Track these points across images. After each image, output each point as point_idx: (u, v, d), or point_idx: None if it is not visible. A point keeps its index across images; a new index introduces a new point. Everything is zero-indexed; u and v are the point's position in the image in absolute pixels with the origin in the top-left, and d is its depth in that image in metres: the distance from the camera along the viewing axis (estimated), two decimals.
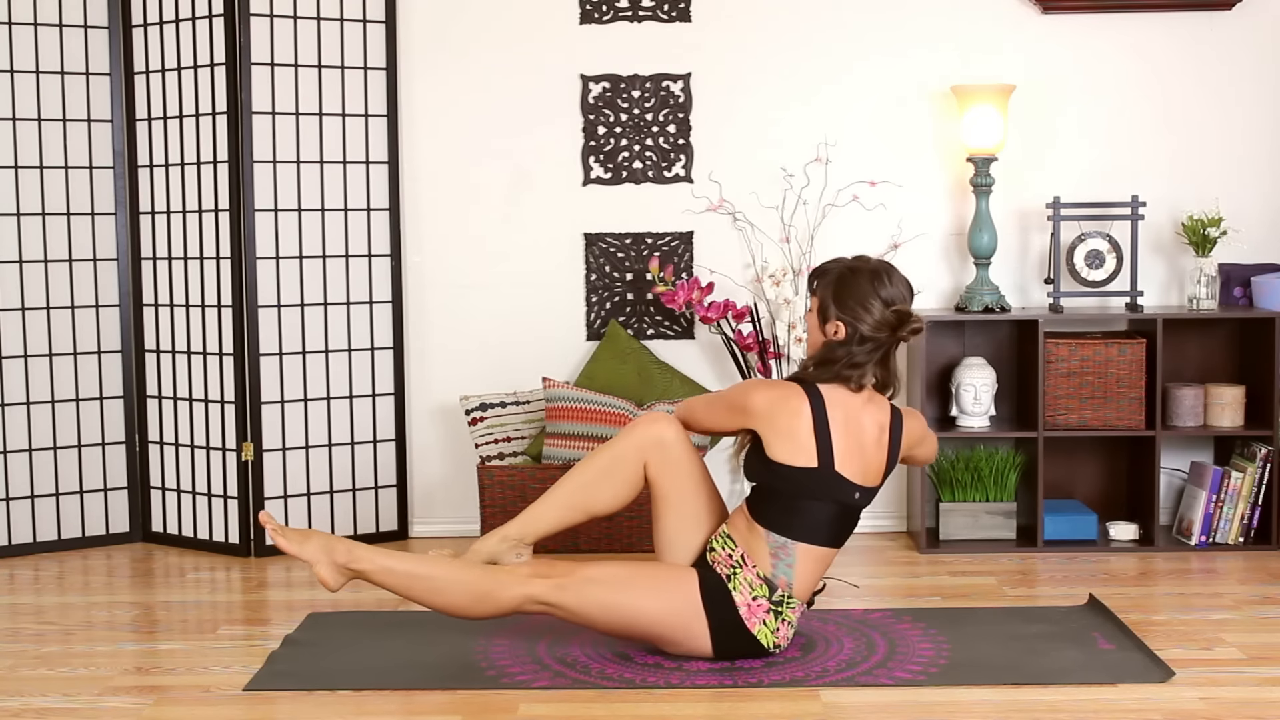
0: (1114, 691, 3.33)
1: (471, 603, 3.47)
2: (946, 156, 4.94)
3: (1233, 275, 4.85)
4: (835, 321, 3.51)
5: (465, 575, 3.48)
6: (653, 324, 5.01)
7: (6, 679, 3.50)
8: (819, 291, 3.56)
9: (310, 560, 3.48)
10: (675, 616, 3.47)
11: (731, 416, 3.58)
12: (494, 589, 3.46)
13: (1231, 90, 4.93)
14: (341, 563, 3.48)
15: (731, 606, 3.46)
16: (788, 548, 3.48)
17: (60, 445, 4.84)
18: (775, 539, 3.47)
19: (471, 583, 3.47)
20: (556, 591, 3.45)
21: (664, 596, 3.47)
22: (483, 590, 3.46)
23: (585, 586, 3.46)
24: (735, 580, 3.47)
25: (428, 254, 5.00)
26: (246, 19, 4.64)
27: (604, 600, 3.45)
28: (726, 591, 3.47)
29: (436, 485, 5.03)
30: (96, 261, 4.88)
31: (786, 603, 3.50)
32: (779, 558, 3.48)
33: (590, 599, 3.46)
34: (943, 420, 4.86)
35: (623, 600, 3.46)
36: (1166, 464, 4.91)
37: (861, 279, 3.51)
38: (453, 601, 3.48)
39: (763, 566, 3.48)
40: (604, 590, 3.46)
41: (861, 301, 3.49)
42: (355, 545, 3.51)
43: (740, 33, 4.94)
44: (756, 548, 3.48)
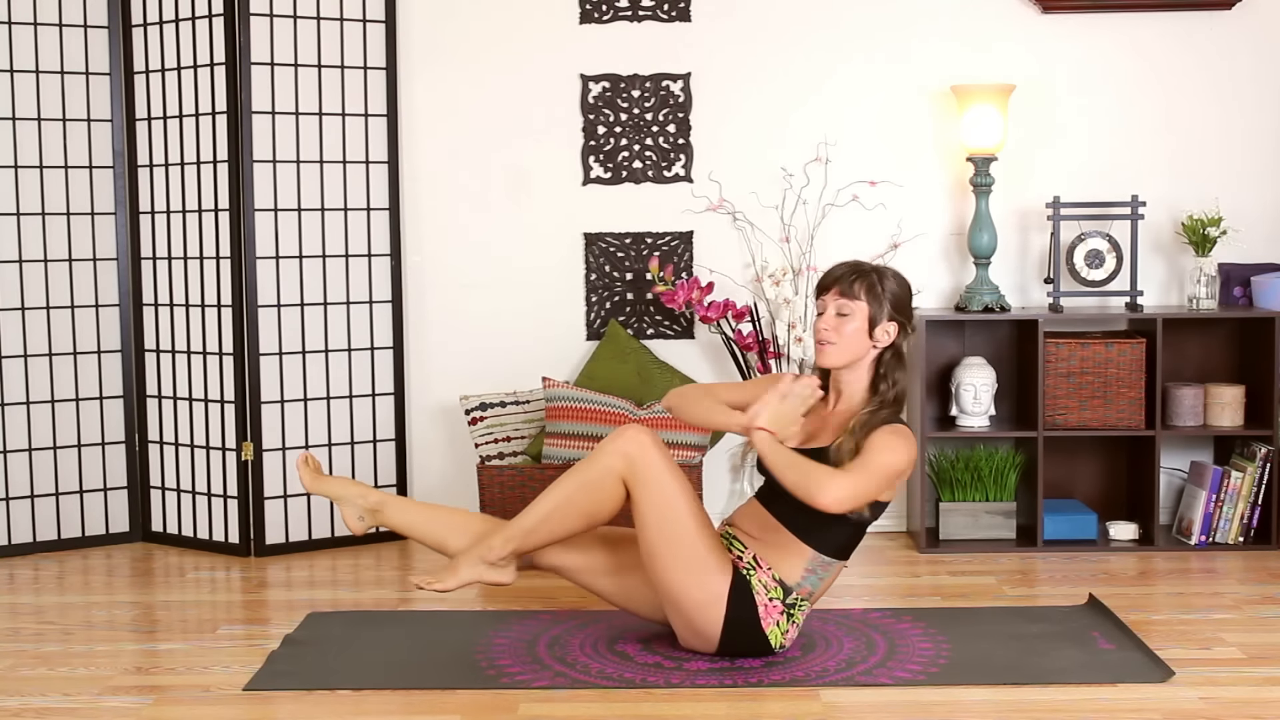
0: (1114, 691, 3.33)
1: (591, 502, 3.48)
2: (946, 156, 4.94)
3: (1233, 275, 4.85)
4: (889, 323, 3.53)
5: (568, 483, 3.50)
6: (653, 324, 5.01)
7: (6, 679, 3.50)
8: (867, 295, 3.53)
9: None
10: (697, 590, 3.43)
11: (899, 480, 3.48)
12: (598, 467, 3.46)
13: (1231, 90, 4.93)
14: (497, 554, 3.53)
15: (752, 605, 3.46)
16: (829, 565, 3.52)
17: (60, 445, 4.84)
18: (823, 559, 3.50)
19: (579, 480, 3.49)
20: (649, 469, 3.42)
21: (700, 564, 3.42)
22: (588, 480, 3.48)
23: (668, 489, 3.41)
24: (751, 580, 3.47)
25: (428, 254, 5.00)
26: (246, 19, 4.64)
27: (667, 514, 3.40)
28: (749, 593, 3.47)
29: (436, 485, 5.03)
30: (96, 261, 4.88)
31: (799, 605, 3.51)
32: (814, 571, 3.50)
33: (661, 501, 3.40)
34: (943, 420, 4.86)
35: (676, 531, 3.40)
36: (1166, 464, 4.91)
37: (903, 279, 3.61)
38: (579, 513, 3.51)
39: (783, 572, 3.48)
40: (674, 508, 3.41)
41: (910, 301, 3.59)
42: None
43: (740, 32, 4.95)
44: (781, 556, 3.49)
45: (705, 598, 3.44)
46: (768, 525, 3.52)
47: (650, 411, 4.64)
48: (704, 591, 3.43)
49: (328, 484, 3.76)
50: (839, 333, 3.53)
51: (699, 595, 3.44)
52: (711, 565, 3.43)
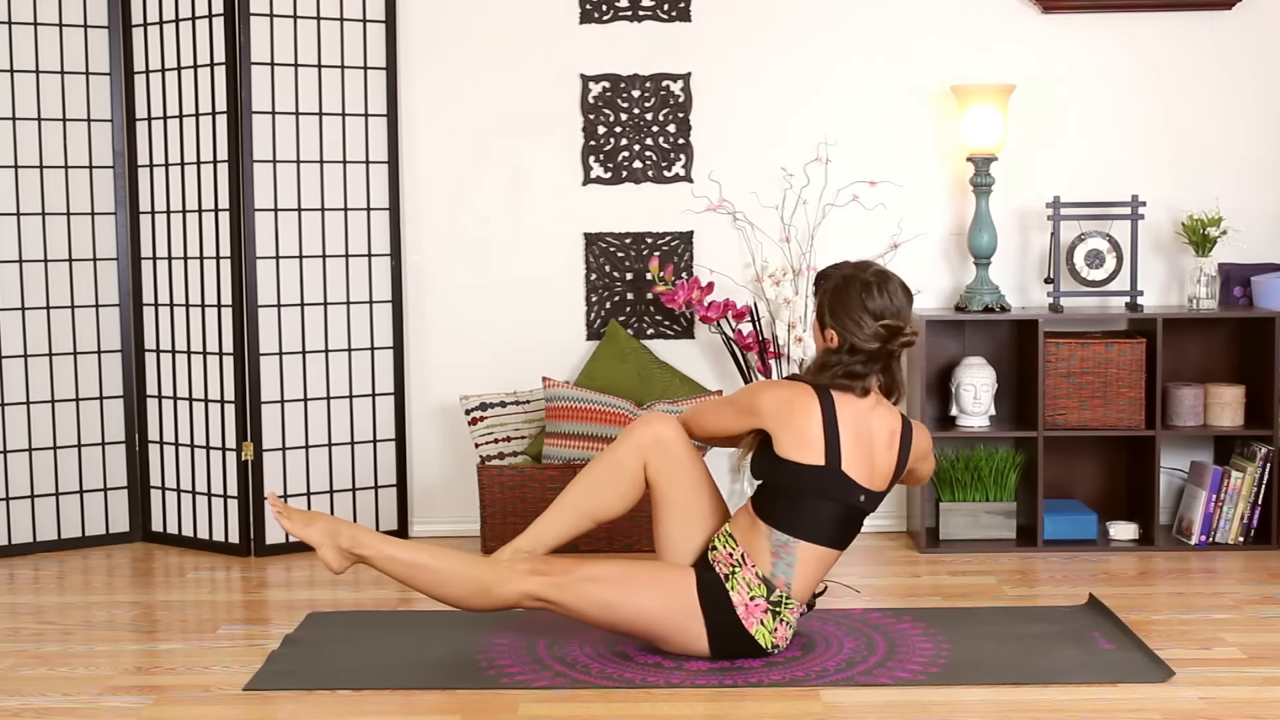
0: (1114, 691, 3.33)
1: (471, 595, 3.52)
2: (946, 156, 4.94)
3: (1233, 275, 4.85)
4: (829, 329, 3.54)
5: (466, 569, 3.53)
6: (653, 324, 5.01)
7: (6, 679, 3.50)
8: (818, 298, 3.59)
9: (314, 543, 3.53)
10: (671, 615, 3.47)
11: (740, 418, 3.58)
12: (493, 584, 3.50)
13: (1231, 90, 4.93)
14: (345, 547, 3.53)
15: (729, 606, 3.46)
16: (789, 546, 3.48)
17: (60, 445, 4.84)
18: (778, 536, 3.47)
19: (472, 576, 3.52)
20: (555, 589, 3.48)
21: (660, 595, 3.48)
22: (483, 584, 3.51)
23: (583, 585, 3.48)
24: (734, 580, 3.47)
25: (428, 254, 5.00)
26: (246, 19, 4.64)
27: (601, 598, 3.47)
28: (724, 591, 3.47)
29: (436, 485, 5.03)
30: (96, 261, 4.88)
31: (785, 603, 3.50)
32: (779, 556, 3.48)
33: (588, 597, 3.47)
34: (943, 420, 4.86)
35: (620, 599, 3.47)
36: (1166, 464, 4.91)
37: (853, 291, 3.51)
38: (453, 593, 3.53)
39: (762, 566, 3.48)
40: (601, 588, 3.47)
41: (850, 315, 3.50)
42: (360, 529, 3.56)
43: (740, 32, 4.94)
44: (757, 546, 3.49)
45: (681, 617, 3.48)
46: (748, 514, 3.56)
47: (650, 412, 4.63)
48: (677, 612, 3.47)
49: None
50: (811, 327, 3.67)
51: (674, 618, 3.48)
52: (670, 588, 3.49)
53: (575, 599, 3.48)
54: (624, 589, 3.48)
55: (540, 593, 3.49)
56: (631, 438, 3.66)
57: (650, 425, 3.67)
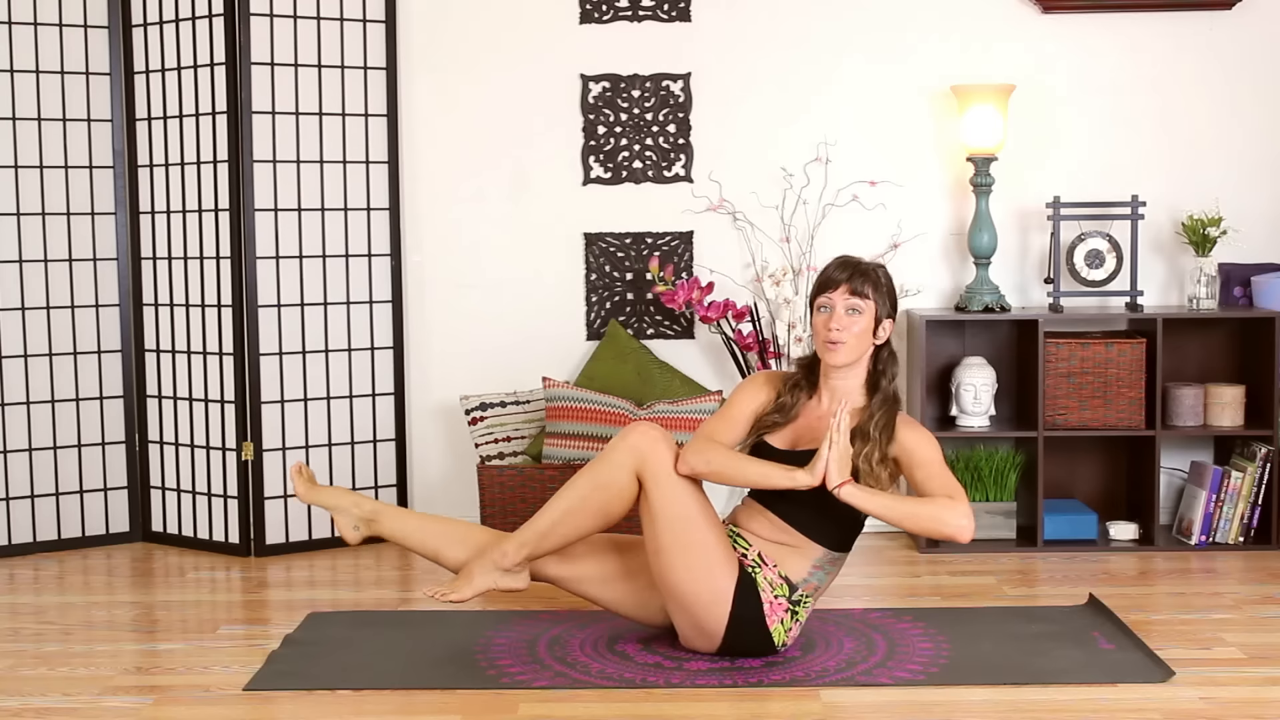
0: (1114, 691, 3.33)
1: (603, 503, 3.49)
2: (946, 156, 4.94)
3: (1233, 275, 4.85)
4: (889, 321, 3.56)
5: (581, 484, 3.52)
6: (653, 324, 5.01)
7: (6, 679, 3.50)
8: (874, 294, 3.53)
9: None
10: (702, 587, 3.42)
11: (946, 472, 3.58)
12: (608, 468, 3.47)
13: (1231, 90, 4.93)
14: (512, 559, 3.57)
15: (758, 603, 3.46)
16: (837, 560, 3.55)
17: (60, 445, 4.84)
18: (832, 555, 3.53)
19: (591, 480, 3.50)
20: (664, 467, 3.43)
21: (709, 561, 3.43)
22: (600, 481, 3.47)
23: (679, 489, 3.44)
24: (756, 578, 3.47)
25: (428, 254, 5.00)
26: (246, 19, 4.64)
27: (679, 512, 3.42)
28: (755, 590, 3.47)
29: (436, 485, 5.03)
30: (96, 261, 4.88)
31: (803, 602, 3.52)
32: (821, 567, 3.52)
33: (673, 499, 3.42)
34: (943, 420, 4.86)
35: (687, 530, 3.41)
36: (1166, 464, 4.91)
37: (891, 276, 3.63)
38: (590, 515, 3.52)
39: (789, 568, 3.49)
40: (685, 508, 3.43)
41: None
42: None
43: (740, 32, 4.95)
44: (791, 557, 3.50)
45: (711, 596, 3.44)
46: (775, 527, 3.52)
47: (650, 411, 4.64)
48: (710, 590, 3.43)
49: (322, 494, 3.77)
50: (850, 331, 3.51)
51: (705, 593, 3.44)
52: (719, 563, 3.44)
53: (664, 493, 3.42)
54: (696, 525, 3.42)
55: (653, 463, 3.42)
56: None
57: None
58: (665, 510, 3.42)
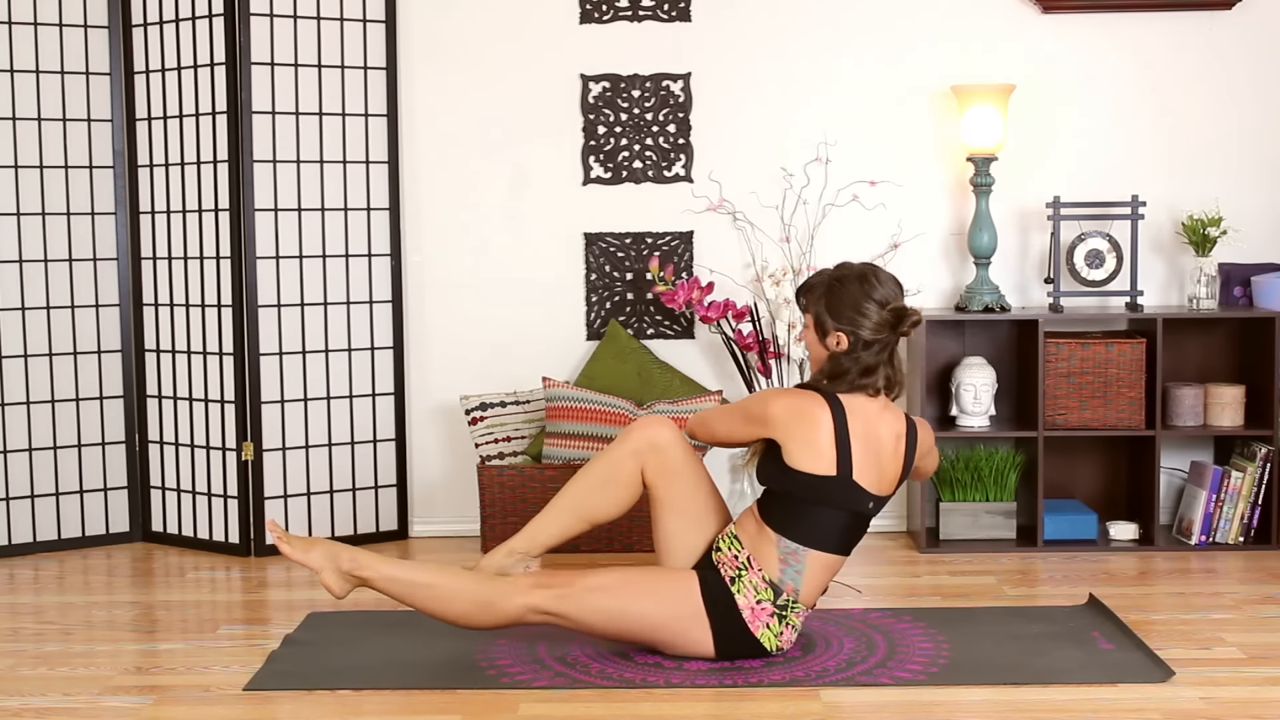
0: (1114, 691, 3.33)
1: (474, 611, 3.49)
2: (946, 156, 4.94)
3: (1233, 275, 4.85)
4: (835, 334, 3.50)
5: (467, 585, 3.50)
6: (653, 324, 5.01)
7: (6, 679, 3.50)
8: (810, 307, 3.55)
9: (315, 568, 3.53)
10: (677, 621, 3.47)
11: (749, 426, 3.54)
12: (496, 599, 3.47)
13: (1231, 90, 4.93)
14: (346, 570, 3.53)
15: (734, 609, 3.46)
16: (798, 554, 3.48)
17: (60, 445, 4.84)
18: (786, 544, 3.47)
19: (474, 592, 3.49)
20: (557, 601, 3.46)
21: (665, 601, 3.47)
22: (485, 599, 3.47)
23: (586, 595, 3.46)
24: (740, 583, 3.47)
25: (428, 254, 5.00)
26: (246, 19, 4.64)
27: (605, 607, 3.46)
28: (729, 594, 3.46)
29: (436, 485, 5.03)
30: (96, 261, 4.88)
31: (791, 607, 3.50)
32: (788, 564, 3.48)
33: (591, 607, 3.46)
34: (943, 420, 4.86)
35: (624, 607, 3.46)
36: (1166, 464, 4.91)
37: (851, 285, 3.50)
38: (455, 610, 3.50)
39: (769, 571, 3.48)
40: (605, 598, 3.46)
41: (856, 307, 3.48)
42: (359, 552, 3.54)
43: (740, 32, 4.95)
44: (765, 552, 3.48)
45: (686, 621, 3.46)
46: (754, 517, 3.54)
47: (651, 411, 4.64)
48: (682, 617, 3.46)
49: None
50: (806, 344, 3.65)
51: (679, 623, 3.47)
52: (673, 593, 3.47)
53: (578, 610, 3.46)
54: (628, 596, 3.47)
55: (543, 605, 3.46)
56: (628, 441, 3.65)
57: (647, 429, 3.65)
58: (592, 616, 3.47)
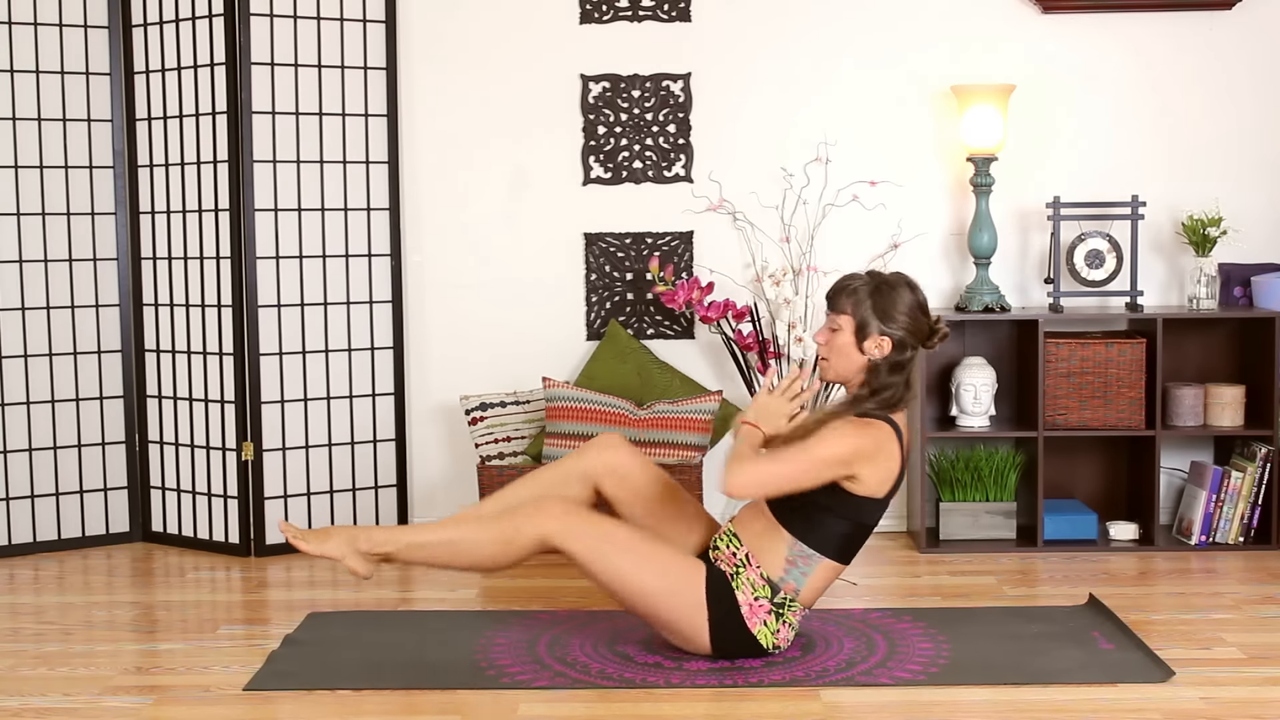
0: (1114, 691, 3.33)
1: (496, 553, 3.50)
2: (946, 156, 4.94)
3: (1233, 275, 4.85)
4: (879, 337, 3.48)
5: (485, 530, 3.51)
6: (653, 324, 5.01)
7: (6, 679, 3.50)
8: (854, 310, 3.50)
9: (337, 556, 3.54)
10: (676, 601, 3.45)
11: (829, 470, 3.41)
12: (513, 534, 3.47)
13: (1231, 90, 4.93)
14: (365, 550, 3.54)
15: (734, 604, 3.46)
16: (810, 559, 3.49)
17: (60, 445, 4.84)
18: (801, 548, 3.48)
19: (493, 535, 3.49)
20: (571, 539, 3.44)
21: (669, 579, 3.45)
22: (504, 538, 3.48)
23: (600, 542, 3.44)
24: (738, 579, 3.47)
25: (428, 254, 5.00)
26: (246, 19, 4.64)
27: (613, 563, 3.44)
28: (730, 589, 3.47)
29: (436, 485, 5.03)
30: (96, 261, 4.88)
31: (789, 605, 3.50)
32: (795, 565, 3.49)
33: (602, 554, 3.44)
34: (943, 420, 4.86)
35: (629, 568, 3.44)
36: (1166, 464, 4.91)
37: (901, 290, 3.51)
38: (479, 558, 3.52)
39: (769, 569, 3.48)
40: (616, 552, 3.44)
41: (909, 312, 3.49)
42: (374, 530, 3.58)
43: (740, 32, 4.95)
44: (769, 550, 3.48)
45: (684, 604, 3.46)
46: (760, 512, 3.53)
47: (651, 411, 4.64)
48: (682, 600, 3.45)
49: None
50: (830, 347, 3.54)
51: (678, 605, 3.46)
52: (678, 572, 3.46)
53: (587, 553, 3.44)
54: (636, 561, 3.44)
55: (559, 537, 3.44)
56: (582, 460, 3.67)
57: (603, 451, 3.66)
58: (597, 560, 3.44)
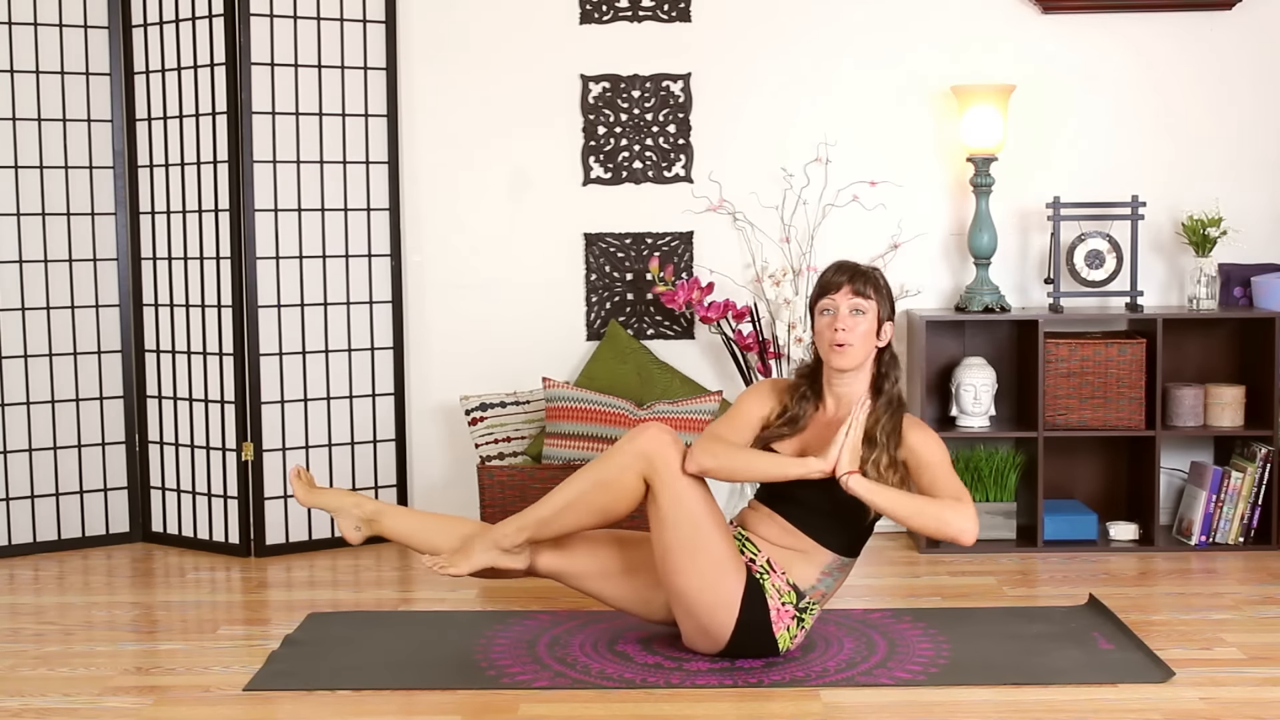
0: (1114, 691, 3.33)
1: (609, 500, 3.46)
2: (946, 156, 4.94)
3: (1233, 275, 4.85)
4: (889, 324, 3.56)
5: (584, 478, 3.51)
6: (653, 324, 5.01)
7: (6, 679, 3.50)
8: (879, 300, 3.53)
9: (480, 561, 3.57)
10: (711, 594, 3.41)
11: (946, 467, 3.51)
12: (615, 466, 3.43)
13: (1231, 90, 4.93)
14: (507, 547, 3.57)
15: (765, 609, 3.46)
16: (845, 566, 3.54)
17: (60, 445, 4.84)
18: (838, 560, 3.51)
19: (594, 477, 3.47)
20: (670, 473, 3.39)
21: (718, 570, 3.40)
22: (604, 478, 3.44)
23: (686, 493, 3.39)
24: (765, 585, 3.47)
25: (428, 254, 5.00)
26: (246, 19, 4.64)
27: (684, 528, 3.38)
28: (762, 593, 3.46)
29: (436, 485, 5.03)
30: (96, 261, 4.88)
31: (810, 610, 3.52)
32: (830, 574, 3.51)
33: (678, 508, 3.38)
34: (943, 420, 4.86)
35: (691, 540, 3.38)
36: (1166, 464, 4.91)
37: None
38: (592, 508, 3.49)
39: (798, 576, 3.48)
40: (689, 516, 3.39)
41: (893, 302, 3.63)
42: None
43: (740, 32, 4.95)
44: (799, 563, 3.49)
45: (719, 601, 3.43)
46: (784, 530, 3.51)
47: (650, 412, 4.64)
48: (718, 595, 3.43)
49: (322, 496, 3.77)
50: (856, 332, 3.48)
51: (713, 598, 3.43)
52: (728, 569, 3.43)
53: (673, 498, 3.37)
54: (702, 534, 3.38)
55: (660, 463, 3.37)
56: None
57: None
58: (674, 514, 3.39)
